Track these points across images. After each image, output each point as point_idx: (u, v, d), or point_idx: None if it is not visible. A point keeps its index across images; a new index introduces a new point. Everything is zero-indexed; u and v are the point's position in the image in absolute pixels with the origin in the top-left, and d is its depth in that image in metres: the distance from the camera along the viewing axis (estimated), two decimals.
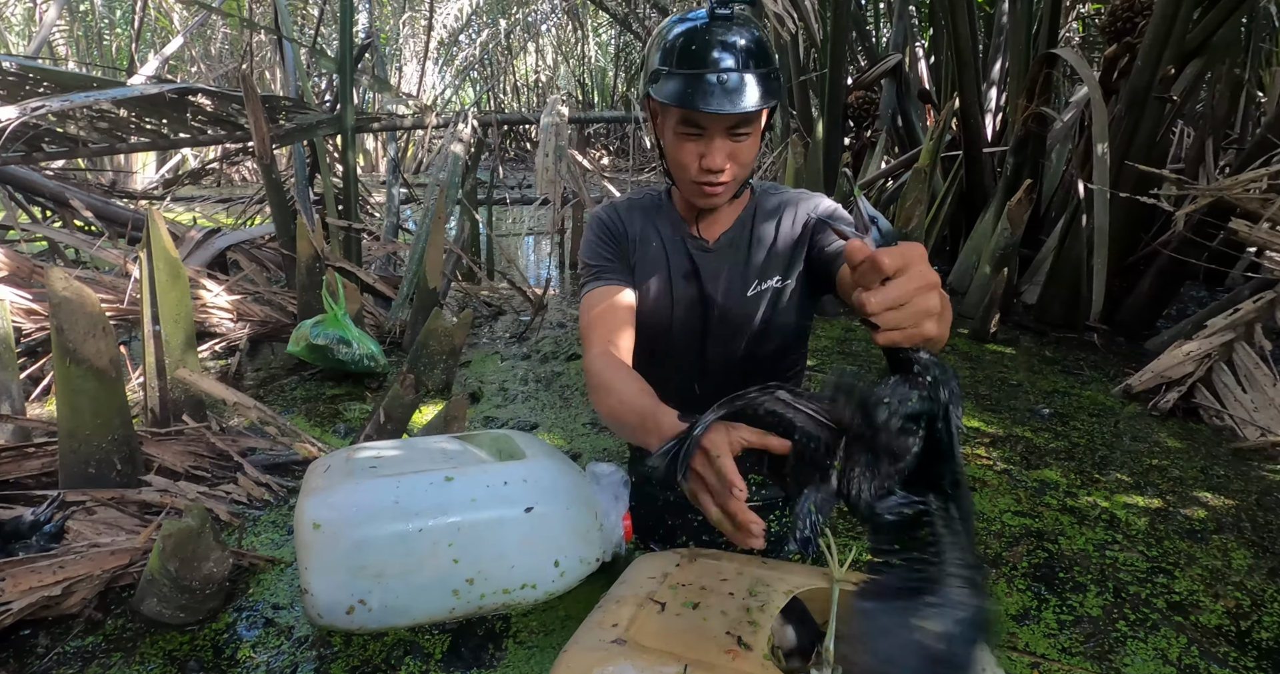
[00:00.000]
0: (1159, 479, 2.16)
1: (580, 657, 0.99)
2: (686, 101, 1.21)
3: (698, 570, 1.18)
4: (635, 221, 1.47)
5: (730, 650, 0.98)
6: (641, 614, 1.06)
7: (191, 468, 1.94)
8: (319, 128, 3.12)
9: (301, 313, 2.70)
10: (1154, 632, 1.49)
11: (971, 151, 4.50)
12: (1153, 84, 3.49)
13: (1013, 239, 3.51)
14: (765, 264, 1.43)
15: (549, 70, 15.35)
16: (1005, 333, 3.63)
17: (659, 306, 1.45)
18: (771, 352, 1.49)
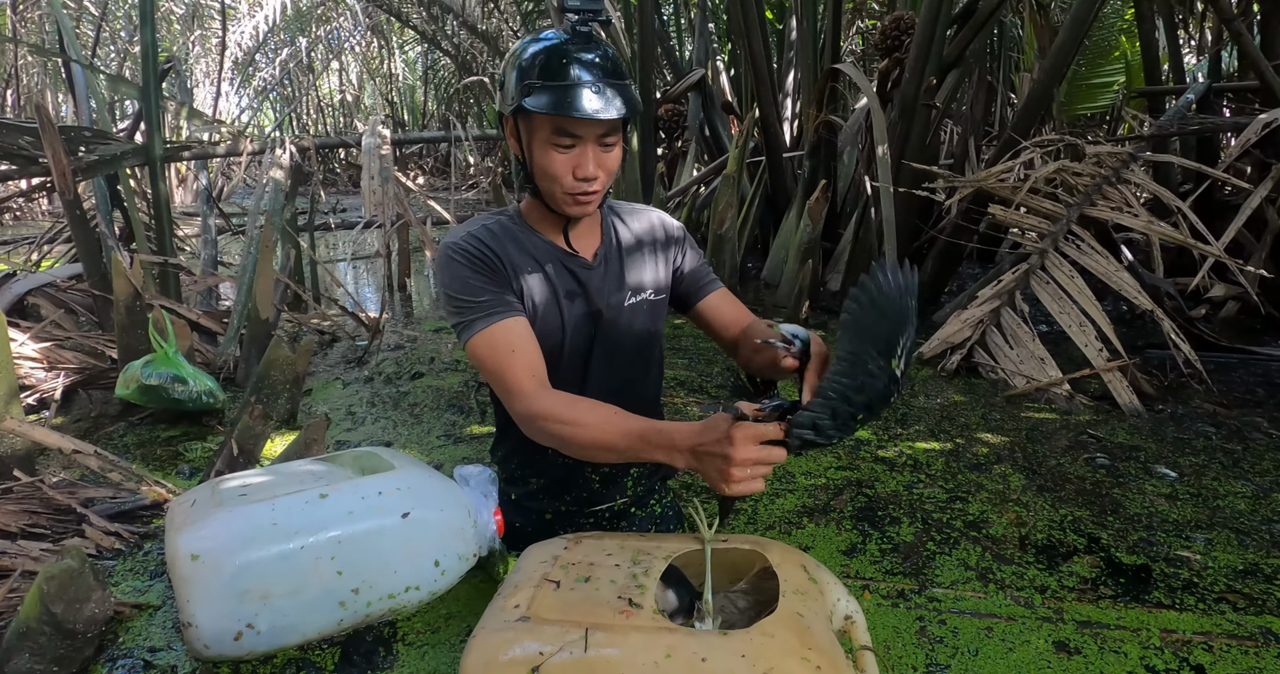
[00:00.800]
0: (950, 427, 2.53)
1: (489, 638, 1.07)
2: (565, 108, 1.25)
3: (584, 550, 1.26)
4: (505, 248, 1.42)
5: (623, 611, 1.08)
6: (539, 593, 1.14)
7: (27, 527, 1.83)
8: (124, 159, 2.95)
9: (123, 355, 2.56)
10: (955, 546, 1.79)
11: (773, 157, 4.91)
12: (919, 93, 4.00)
13: (814, 234, 3.90)
14: (637, 276, 1.52)
15: (354, 89, 14.87)
16: (815, 318, 4.02)
17: (551, 329, 1.46)
18: (645, 361, 1.59)
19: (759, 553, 1.26)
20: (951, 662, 1.39)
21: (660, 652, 1.00)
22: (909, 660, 1.40)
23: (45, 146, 2.74)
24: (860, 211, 4.23)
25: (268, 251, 2.63)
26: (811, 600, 1.15)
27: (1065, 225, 3.29)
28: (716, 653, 1.00)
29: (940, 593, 1.60)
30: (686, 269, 1.59)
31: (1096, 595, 1.60)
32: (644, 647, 1.01)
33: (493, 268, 1.40)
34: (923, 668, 1.38)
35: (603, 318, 1.49)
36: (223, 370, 2.82)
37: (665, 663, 0.98)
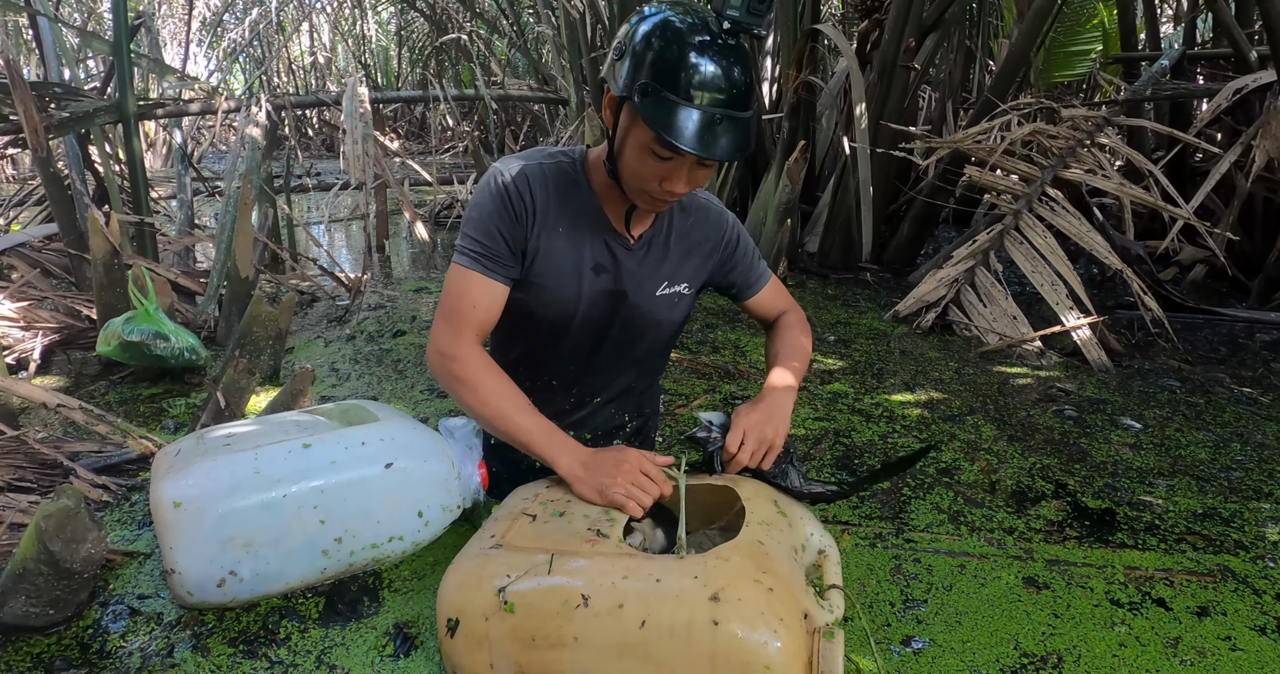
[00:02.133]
0: (924, 381, 2.60)
1: (464, 563, 1.15)
2: (675, 134, 1.16)
3: (565, 489, 1.32)
4: (542, 200, 1.37)
5: (590, 540, 1.14)
6: (515, 525, 1.21)
7: (13, 481, 1.83)
8: (97, 116, 2.90)
9: (102, 314, 2.54)
10: (930, 491, 1.85)
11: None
12: (899, 55, 4.00)
13: (793, 195, 3.91)
14: (678, 269, 1.49)
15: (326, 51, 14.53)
16: (794, 278, 4.07)
17: (565, 297, 1.42)
18: (659, 349, 1.61)
19: (733, 490, 1.31)
20: (927, 596, 1.45)
21: (618, 574, 1.06)
22: (885, 596, 1.46)
23: (16, 102, 2.68)
24: (838, 174, 4.25)
25: (246, 209, 2.61)
26: (777, 531, 1.20)
27: (1040, 187, 3.34)
28: (670, 574, 1.05)
29: (916, 535, 1.66)
30: (736, 264, 1.57)
31: (1063, 537, 1.68)
32: (603, 570, 1.07)
33: (517, 217, 1.36)
34: (899, 603, 1.44)
35: (628, 301, 1.46)
36: (203, 329, 2.81)
37: (622, 583, 1.05)
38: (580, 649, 1.03)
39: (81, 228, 2.93)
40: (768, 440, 1.36)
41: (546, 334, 1.48)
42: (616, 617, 1.02)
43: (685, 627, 1.00)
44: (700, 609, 1.00)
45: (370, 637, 1.35)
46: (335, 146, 10.82)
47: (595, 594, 1.04)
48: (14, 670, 1.28)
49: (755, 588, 1.03)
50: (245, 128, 3.14)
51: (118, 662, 1.30)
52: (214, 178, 5.83)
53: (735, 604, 1.00)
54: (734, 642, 0.98)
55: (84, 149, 3.24)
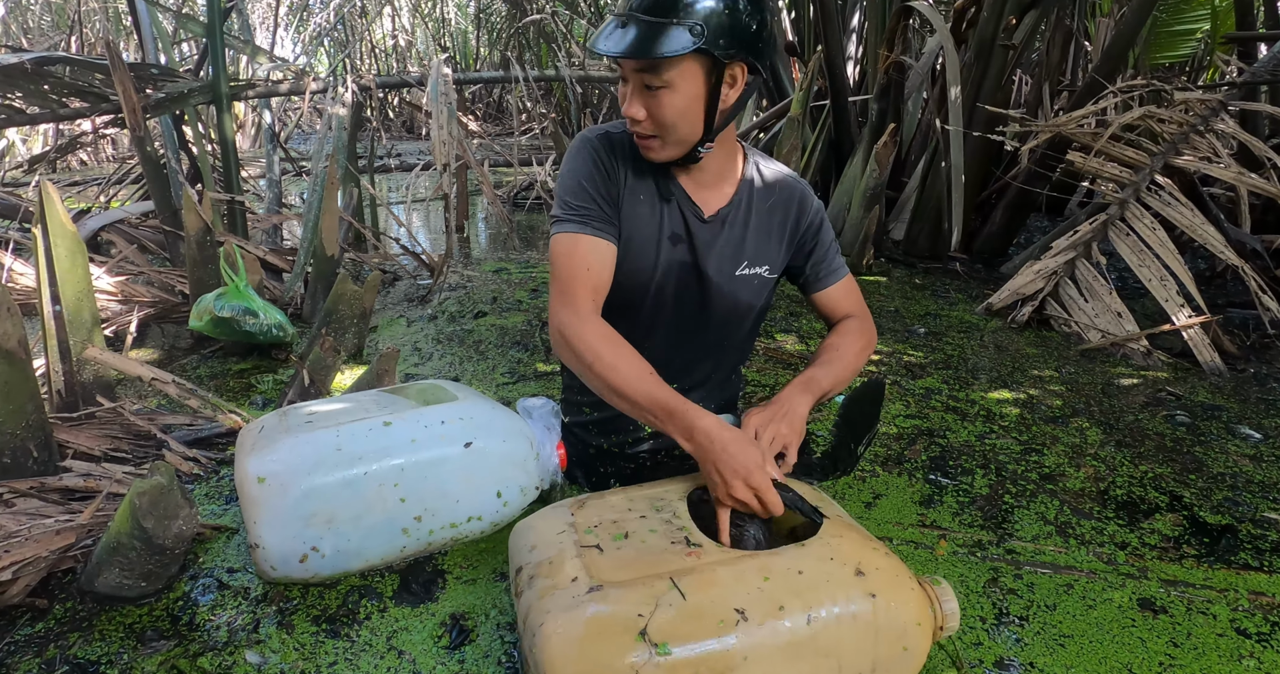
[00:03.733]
0: (1022, 379, 2.46)
1: (569, 617, 0.97)
2: (593, 42, 1.22)
3: (595, 511, 1.21)
4: (629, 165, 1.37)
5: (690, 553, 1.06)
6: (589, 561, 1.06)
7: (110, 451, 1.89)
8: (191, 97, 2.97)
9: (194, 290, 2.60)
10: (1033, 499, 1.74)
11: (837, 100, 4.74)
12: (998, 33, 3.81)
13: (880, 180, 3.77)
14: (759, 250, 1.43)
15: (407, 33, 14.74)
16: (879, 266, 3.92)
17: (642, 266, 1.40)
18: (742, 330, 1.53)
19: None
20: (1027, 614, 1.36)
21: (757, 577, 1.00)
22: (975, 611, 1.37)
23: (116, 83, 2.76)
24: (929, 158, 4.07)
25: (333, 189, 2.64)
26: (834, 507, 1.21)
27: (1148, 175, 3.12)
28: (808, 562, 1.02)
29: (1018, 546, 1.56)
30: (812, 250, 1.48)
31: (1180, 554, 1.55)
32: (738, 578, 1.00)
33: (609, 174, 1.35)
34: (992, 619, 1.35)
35: (707, 279, 1.42)
36: (289, 306, 2.86)
37: (767, 585, 0.99)
38: (752, 666, 0.95)
39: (176, 205, 3.01)
40: (783, 437, 1.24)
41: (624, 304, 1.43)
42: (781, 621, 0.97)
43: (849, 609, 0.99)
44: (854, 587, 1.00)
45: (430, 624, 1.33)
46: (415, 128, 10.99)
47: (749, 605, 0.97)
48: (107, 639, 1.31)
49: (880, 555, 1.06)
50: (332, 108, 3.17)
51: (205, 635, 1.32)
52: (300, 158, 5.97)
53: (877, 574, 1.02)
54: (890, 609, 1.00)
55: (178, 129, 3.33)
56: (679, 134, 1.26)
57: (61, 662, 1.25)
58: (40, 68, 2.98)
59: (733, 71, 1.23)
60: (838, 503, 1.30)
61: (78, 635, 1.32)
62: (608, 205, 1.35)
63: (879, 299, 3.38)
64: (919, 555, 1.52)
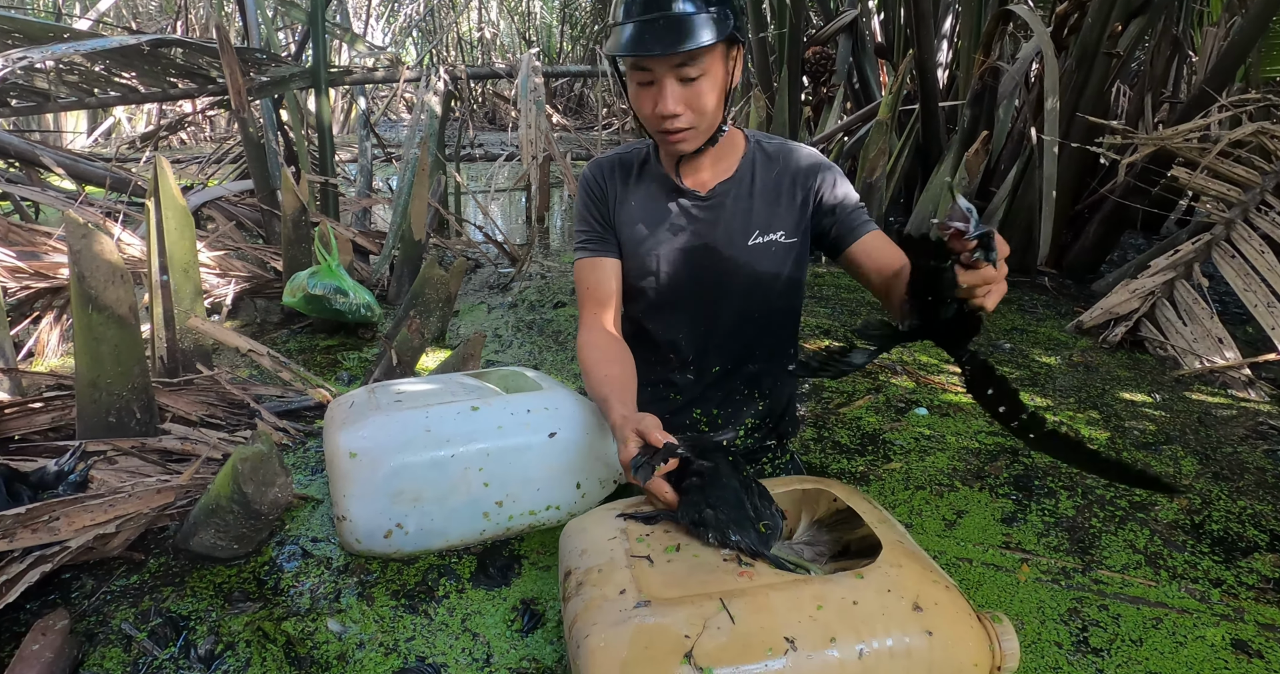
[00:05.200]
0: (1113, 402, 2.36)
1: (615, 634, 0.96)
2: (626, 47, 1.24)
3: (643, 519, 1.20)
4: (617, 180, 1.49)
5: (742, 573, 1.04)
6: (639, 574, 1.05)
7: (206, 416, 1.98)
8: (292, 80, 3.07)
9: (288, 267, 2.70)
10: (1122, 526, 1.67)
11: (927, 105, 4.64)
12: (1102, 40, 3.66)
13: (970, 188, 3.67)
14: (769, 216, 1.44)
15: (494, 27, 15.00)
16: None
17: (643, 263, 1.48)
18: (777, 301, 1.51)
19: (822, 491, 1.27)
20: (1109, 648, 1.30)
21: (811, 604, 0.97)
22: (1050, 637, 1.32)
23: (224, 66, 2.88)
24: (1021, 167, 3.93)
25: (423, 175, 2.70)
26: (896, 529, 1.16)
27: (1259, 194, 2.96)
28: (864, 594, 0.99)
29: (1106, 575, 1.50)
30: (830, 204, 1.43)
31: (1279, 598, 1.47)
32: (791, 604, 0.97)
33: (598, 199, 1.50)
34: (1070, 647, 1.30)
35: (718, 254, 1.45)
36: (376, 288, 2.94)
37: (820, 614, 0.96)
38: None
39: (274, 185, 3.13)
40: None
41: (644, 302, 1.53)
42: (832, 652, 0.93)
43: (903, 645, 0.95)
44: (910, 622, 0.96)
45: (503, 608, 1.35)
46: (497, 119, 11.17)
47: (800, 634, 0.94)
48: (198, 596, 1.37)
49: (939, 589, 1.02)
50: (425, 96, 3.24)
51: (289, 600, 1.37)
52: (388, 145, 6.14)
53: (936, 610, 0.99)
54: (946, 648, 0.97)
55: (277, 112, 3.45)
56: (711, 119, 1.32)
57: (155, 613, 1.31)
58: (155, 49, 3.12)
59: (737, 49, 1.32)
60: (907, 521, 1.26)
61: (171, 590, 1.38)
62: (601, 225, 1.50)
63: None
64: (999, 579, 1.48)
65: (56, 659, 1.14)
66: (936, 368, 2.58)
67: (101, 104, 3.09)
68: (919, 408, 2.22)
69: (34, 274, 2.40)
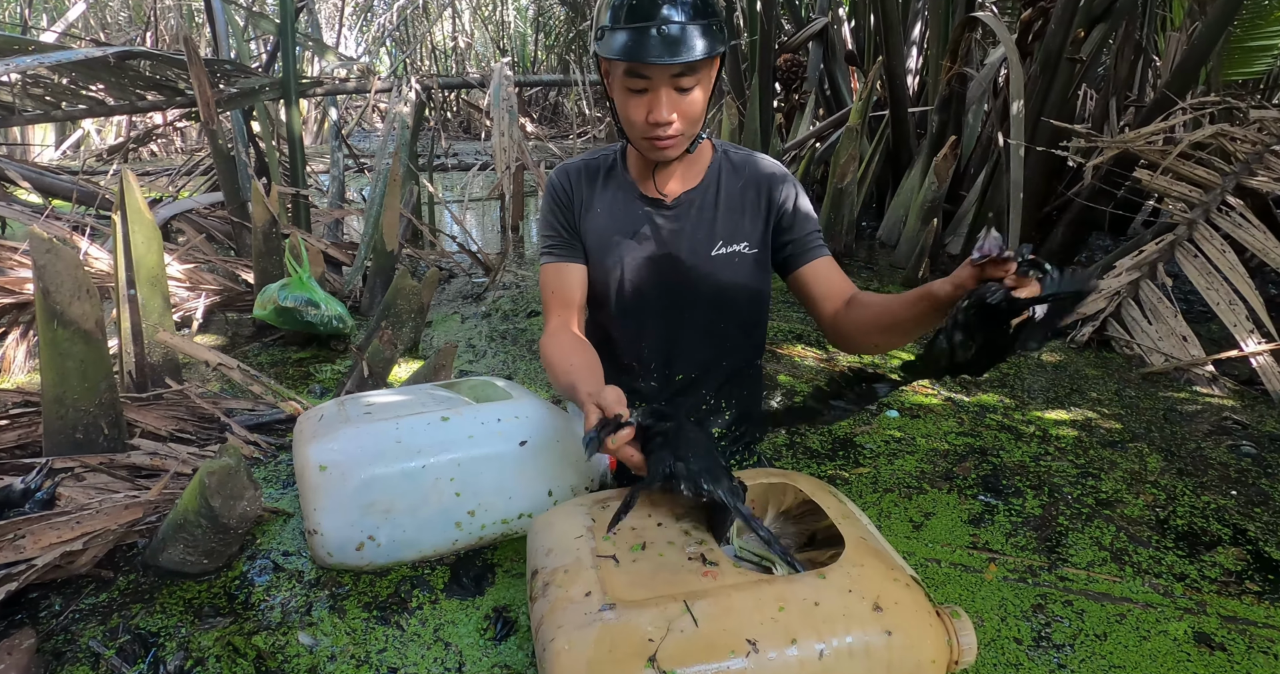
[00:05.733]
0: (1080, 401, 2.40)
1: (580, 636, 0.96)
2: (629, 54, 1.22)
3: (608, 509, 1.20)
4: (583, 186, 1.48)
5: (706, 572, 1.04)
6: (604, 575, 1.05)
7: (175, 431, 1.96)
8: (262, 92, 3.06)
9: (259, 279, 2.69)
10: (1089, 523, 1.70)
11: (897, 111, 4.69)
12: (1065, 45, 3.73)
13: (939, 192, 3.72)
14: (733, 227, 1.43)
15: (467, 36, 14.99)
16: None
17: (607, 269, 1.47)
18: (740, 313, 1.51)
19: (788, 485, 1.27)
20: (1073, 642, 1.33)
21: (773, 605, 0.98)
22: (1010, 633, 1.34)
23: (192, 78, 2.86)
24: (989, 171, 4.00)
25: (395, 186, 2.69)
26: (859, 523, 1.17)
27: (1219, 195, 3.03)
28: (826, 594, 0.99)
29: (1072, 572, 1.53)
30: (788, 222, 1.44)
31: (1242, 590, 1.50)
32: (754, 605, 0.98)
33: (564, 205, 1.49)
34: (1030, 643, 1.32)
35: (681, 263, 1.44)
36: (349, 299, 2.93)
37: (782, 616, 0.97)
38: None
39: (244, 197, 3.11)
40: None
41: (609, 308, 1.51)
42: (792, 651, 0.94)
43: (862, 644, 0.96)
44: (870, 622, 0.97)
45: (475, 617, 1.35)
46: (472, 128, 11.15)
47: (761, 636, 0.95)
48: (168, 612, 1.36)
49: (899, 587, 1.03)
50: (396, 106, 3.24)
51: (260, 614, 1.36)
52: (360, 155, 6.11)
53: (896, 609, 0.99)
54: (905, 647, 0.98)
55: (247, 123, 3.43)
56: (696, 127, 1.33)
57: (123, 631, 1.30)
58: (121, 61, 3.10)
59: (719, 59, 1.31)
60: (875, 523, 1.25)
61: (140, 607, 1.37)
62: (566, 231, 1.49)
63: None
64: (964, 578, 1.50)
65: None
66: None
67: (68, 117, 3.06)
68: (890, 410, 2.25)
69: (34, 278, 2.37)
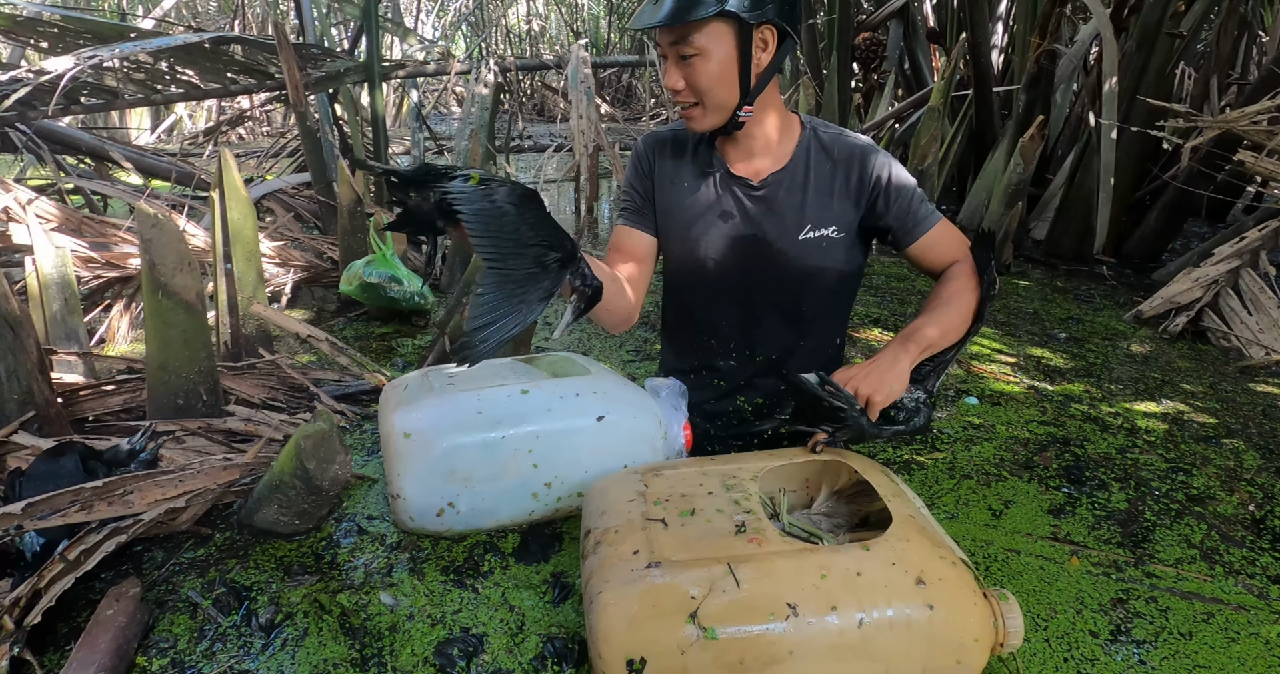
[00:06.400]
0: (1172, 393, 2.30)
1: (625, 592, 0.99)
2: (633, 20, 1.29)
3: (667, 483, 1.23)
4: (668, 158, 1.47)
5: (751, 539, 1.06)
6: (652, 535, 1.08)
7: (267, 399, 2.05)
8: (347, 75, 3.15)
9: (344, 256, 2.78)
10: (1179, 520, 1.64)
11: (981, 90, 4.54)
12: (1164, 20, 3.54)
13: (1025, 175, 3.59)
14: (821, 210, 1.42)
15: (541, 19, 15.07)
16: (1017, 266, 3.74)
17: (691, 246, 1.46)
18: (824, 296, 1.50)
19: (841, 464, 1.27)
20: (1154, 640, 1.28)
21: (815, 573, 0.99)
22: (1085, 626, 1.31)
23: (281, 61, 2.96)
24: (1079, 152, 3.83)
25: (473, 165, 2.74)
26: (910, 503, 1.16)
27: None
28: (868, 565, 1.00)
29: (1159, 569, 1.47)
30: (887, 200, 1.42)
31: None
32: (796, 572, 0.99)
33: (644, 174, 1.49)
34: (1106, 636, 1.28)
35: (768, 246, 1.43)
36: (428, 277, 3.00)
37: (823, 583, 0.98)
38: (797, 661, 0.96)
39: (330, 177, 3.21)
40: (861, 396, 1.25)
41: (688, 285, 1.52)
42: (831, 619, 0.96)
43: (903, 617, 0.97)
44: (913, 596, 0.98)
45: (536, 580, 1.38)
46: (545, 111, 11.23)
47: (802, 600, 0.96)
48: (260, 568, 1.43)
49: (945, 564, 1.03)
50: (475, 88, 3.30)
51: (344, 574, 1.42)
52: (439, 137, 6.24)
53: (940, 585, 0.99)
54: (948, 622, 0.98)
55: (331, 106, 3.54)
56: (717, 99, 1.31)
57: (220, 584, 1.37)
58: (216, 46, 3.23)
59: (762, 34, 1.27)
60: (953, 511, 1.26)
61: (235, 562, 1.45)
62: (640, 198, 1.50)
63: (1017, 300, 3.23)
64: (1044, 569, 1.46)
65: (129, 624, 1.21)
66: (988, 357, 2.54)
67: (166, 101, 3.22)
68: (969, 397, 2.20)
69: (105, 263, 2.51)
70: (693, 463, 1.33)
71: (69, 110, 3.02)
